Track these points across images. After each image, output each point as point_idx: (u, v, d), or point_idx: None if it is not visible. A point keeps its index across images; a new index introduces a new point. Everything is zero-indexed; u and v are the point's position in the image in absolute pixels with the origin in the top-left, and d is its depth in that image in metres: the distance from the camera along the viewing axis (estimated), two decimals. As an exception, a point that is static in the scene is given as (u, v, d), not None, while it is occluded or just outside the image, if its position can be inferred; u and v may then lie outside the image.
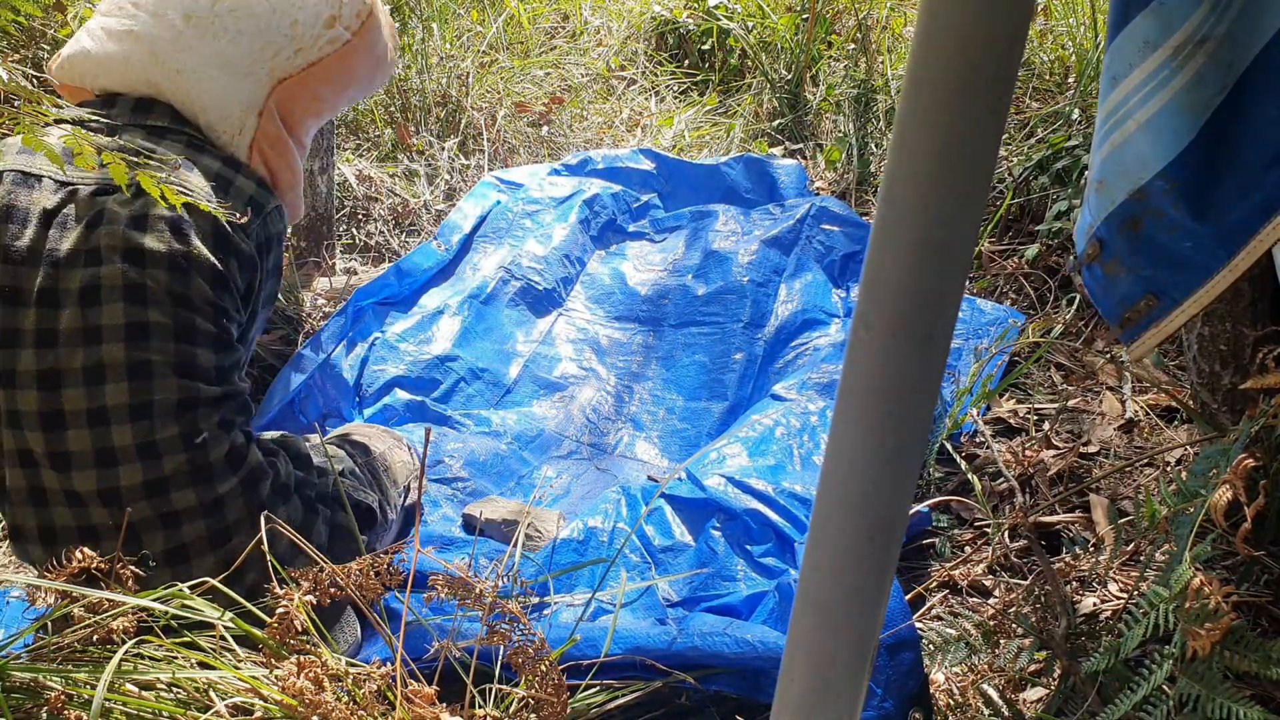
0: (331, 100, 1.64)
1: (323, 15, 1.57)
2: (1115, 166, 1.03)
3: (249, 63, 1.52)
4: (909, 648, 1.38)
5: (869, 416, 0.65)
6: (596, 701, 1.38)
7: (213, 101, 1.50)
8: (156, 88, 1.50)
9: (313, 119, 1.64)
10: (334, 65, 1.58)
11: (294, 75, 1.55)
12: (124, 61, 1.50)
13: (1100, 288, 1.10)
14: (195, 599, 1.17)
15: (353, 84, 1.65)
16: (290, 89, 1.56)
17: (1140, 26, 1.00)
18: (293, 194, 1.62)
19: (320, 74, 1.58)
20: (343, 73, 1.61)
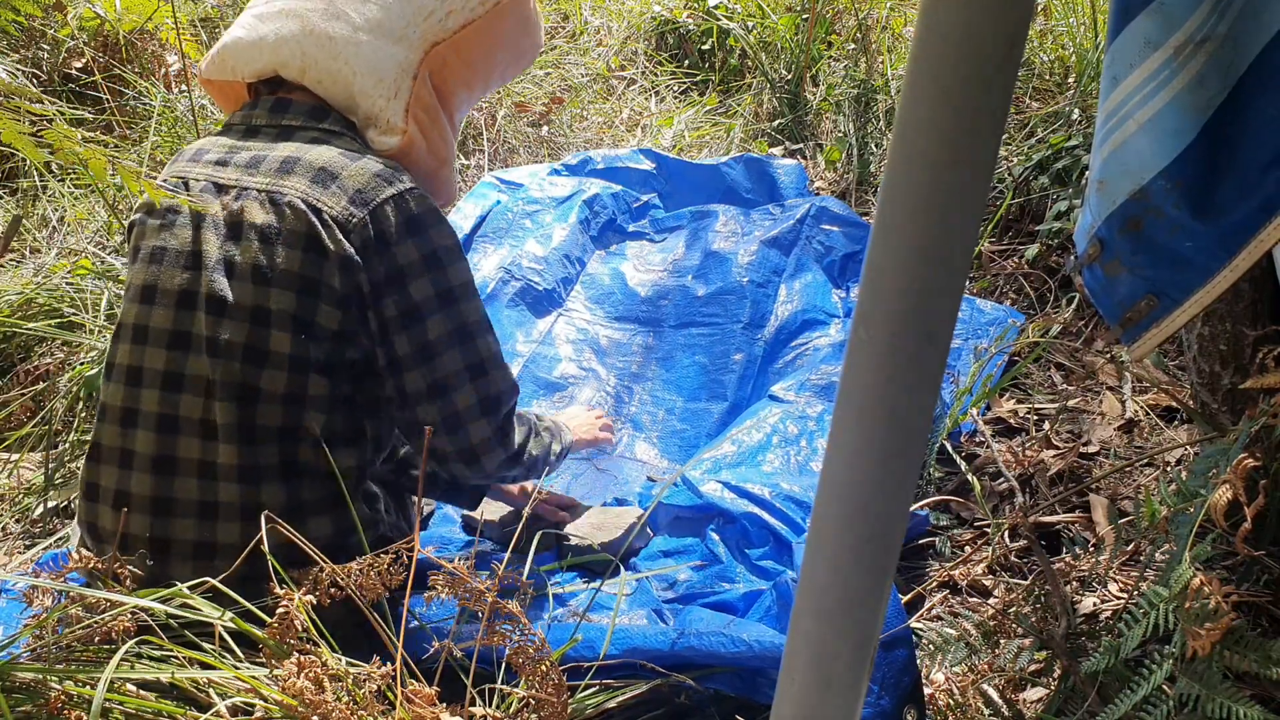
0: (483, 69, 1.58)
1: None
2: (1116, 166, 1.03)
3: (402, 26, 1.48)
4: (902, 644, 1.38)
5: (869, 416, 0.65)
6: (596, 701, 1.38)
7: (366, 66, 1.46)
8: (309, 60, 1.46)
9: (464, 90, 1.58)
10: (484, 28, 1.53)
11: (446, 39, 1.50)
12: (276, 39, 1.47)
13: (1101, 288, 1.10)
14: (195, 598, 1.17)
15: (504, 49, 1.59)
16: (442, 54, 1.51)
17: (1141, 26, 1.00)
18: (446, 169, 1.56)
19: (471, 37, 1.52)
20: (493, 36, 1.55)
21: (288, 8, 1.49)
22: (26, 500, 2.08)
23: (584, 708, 1.36)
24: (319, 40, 1.45)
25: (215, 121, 3.12)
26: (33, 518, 2.06)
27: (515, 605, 1.21)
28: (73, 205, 2.92)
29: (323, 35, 1.45)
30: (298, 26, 1.46)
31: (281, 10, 1.49)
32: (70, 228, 2.88)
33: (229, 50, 1.50)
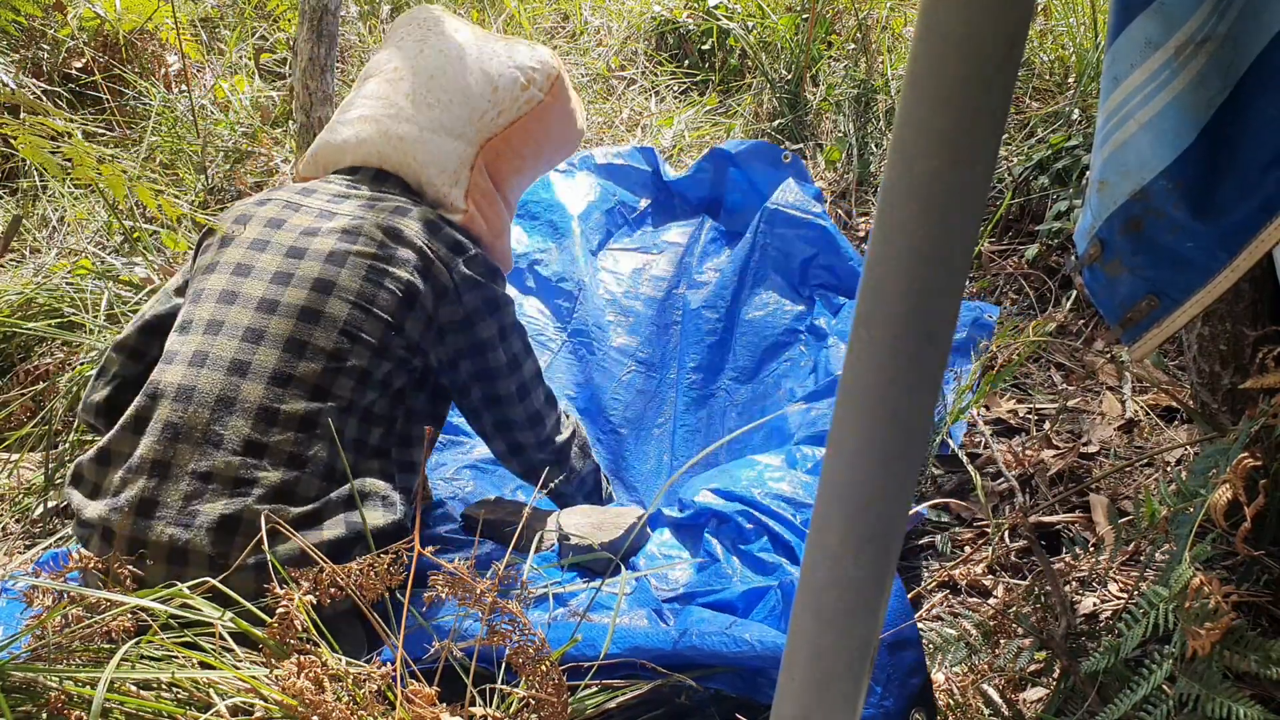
0: (533, 158, 1.85)
1: (519, 80, 1.81)
2: (1117, 167, 1.03)
3: (460, 125, 1.76)
4: (910, 646, 1.37)
5: (869, 417, 0.65)
6: (596, 701, 1.38)
7: (431, 159, 1.74)
8: (385, 157, 1.74)
9: (515, 176, 1.84)
10: (531, 124, 1.81)
11: (498, 134, 1.79)
12: (357, 141, 1.76)
13: (1102, 288, 1.10)
14: (195, 598, 1.17)
15: (549, 140, 1.87)
16: (496, 147, 1.79)
17: (1141, 27, 1.00)
18: (501, 243, 1.82)
19: (520, 132, 1.80)
20: (539, 130, 1.83)
21: (363, 114, 1.77)
22: (26, 500, 2.09)
23: (584, 708, 1.36)
24: (392, 141, 1.73)
25: (216, 121, 3.12)
26: (33, 518, 2.06)
27: (515, 605, 1.21)
28: (73, 205, 2.92)
29: (395, 136, 1.74)
30: (374, 130, 1.75)
31: (359, 117, 1.78)
32: (70, 228, 2.88)
33: (320, 155, 1.79)
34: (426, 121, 1.75)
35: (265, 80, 3.47)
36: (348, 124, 1.78)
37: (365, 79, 1.87)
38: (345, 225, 1.59)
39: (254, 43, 3.60)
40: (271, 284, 1.53)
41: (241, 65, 3.48)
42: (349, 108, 1.82)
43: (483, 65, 1.82)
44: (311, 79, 2.37)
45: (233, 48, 3.48)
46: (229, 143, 3.03)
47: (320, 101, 2.38)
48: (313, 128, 2.39)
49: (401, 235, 1.59)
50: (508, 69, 1.82)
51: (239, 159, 2.99)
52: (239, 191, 2.88)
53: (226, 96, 3.23)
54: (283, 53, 3.58)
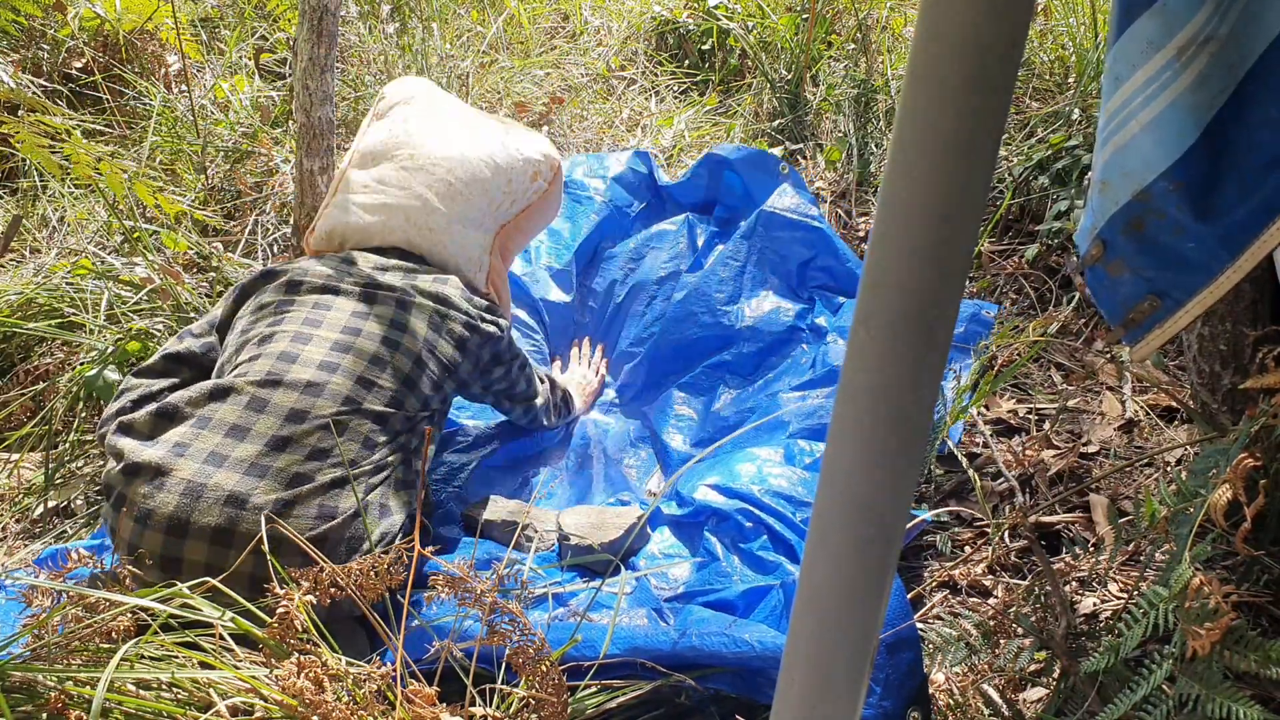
0: (531, 232, 2.16)
1: (529, 173, 2.07)
2: (1118, 167, 1.03)
3: (479, 216, 2.00)
4: (909, 647, 1.38)
5: (870, 416, 0.65)
6: (596, 701, 1.38)
7: (459, 250, 1.97)
8: (413, 244, 1.94)
9: (516, 249, 2.15)
10: (537, 207, 2.11)
11: (510, 221, 2.07)
12: (383, 227, 1.94)
13: (1103, 289, 1.10)
14: (195, 598, 1.17)
15: (546, 217, 2.17)
16: (508, 231, 2.07)
17: (1143, 27, 0.99)
18: (506, 306, 2.12)
19: (528, 216, 2.10)
20: (543, 212, 2.14)
21: (390, 203, 1.95)
22: (27, 500, 2.09)
23: (584, 708, 1.36)
24: (421, 231, 1.94)
25: (216, 121, 3.12)
26: (33, 517, 2.06)
27: (515, 605, 1.21)
28: (73, 205, 2.92)
29: (424, 228, 1.94)
30: (402, 220, 1.94)
31: (384, 204, 1.95)
32: (70, 228, 2.87)
33: (337, 233, 1.96)
34: (454, 214, 1.96)
35: (265, 80, 3.47)
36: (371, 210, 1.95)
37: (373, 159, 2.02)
38: (402, 285, 1.79)
39: (254, 43, 3.60)
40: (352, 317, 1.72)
41: (241, 65, 3.48)
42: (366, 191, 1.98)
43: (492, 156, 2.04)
44: (311, 79, 2.37)
45: (233, 48, 3.48)
46: (229, 143, 3.03)
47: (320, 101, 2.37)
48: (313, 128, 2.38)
49: (450, 300, 1.83)
50: (518, 161, 2.06)
51: (239, 159, 2.99)
52: (238, 191, 2.88)
53: (226, 96, 3.23)
54: (283, 53, 3.58)
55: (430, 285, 1.83)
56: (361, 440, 1.59)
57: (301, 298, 1.76)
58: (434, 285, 1.84)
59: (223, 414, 1.55)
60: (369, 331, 1.70)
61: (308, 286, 1.78)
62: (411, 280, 1.83)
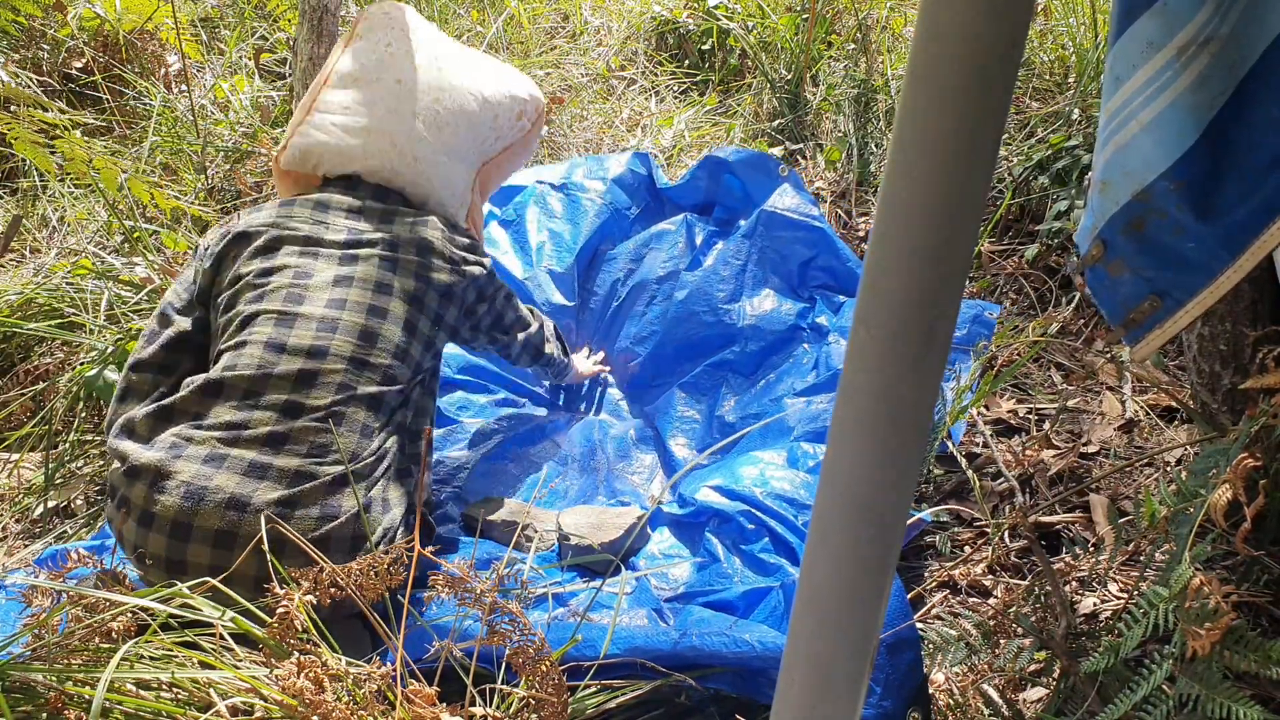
0: (508, 171, 2.11)
1: (515, 110, 2.02)
2: (1119, 167, 1.03)
3: (465, 150, 1.93)
4: (909, 647, 1.38)
5: (870, 416, 0.65)
6: (596, 701, 1.38)
7: (444, 183, 1.89)
8: (396, 174, 1.83)
9: (493, 186, 2.09)
10: (518, 147, 2.06)
11: (494, 158, 2.02)
12: (364, 151, 1.82)
13: (1104, 289, 1.10)
14: (195, 598, 1.17)
15: (524, 157, 2.12)
16: (489, 169, 2.02)
17: (1143, 27, 0.99)
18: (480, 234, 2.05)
19: (509, 154, 2.05)
20: (522, 152, 2.08)
21: (373, 126, 1.84)
22: (26, 500, 2.09)
23: (584, 708, 1.36)
24: (407, 160, 1.84)
25: (216, 121, 3.12)
26: (33, 517, 2.06)
27: (515, 605, 1.21)
28: (73, 205, 2.92)
29: (409, 156, 1.84)
30: (388, 145, 1.83)
31: (366, 128, 1.83)
32: (70, 228, 2.87)
33: (314, 153, 1.83)
34: (439, 144, 1.87)
35: (265, 80, 3.47)
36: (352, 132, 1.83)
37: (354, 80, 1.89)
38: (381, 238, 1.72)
39: (254, 43, 3.60)
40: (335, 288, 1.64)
41: (241, 65, 3.48)
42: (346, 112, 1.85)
43: (481, 89, 1.96)
44: (311, 79, 2.37)
45: (233, 48, 3.48)
46: (229, 143, 3.03)
47: (320, 101, 2.37)
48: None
49: (432, 247, 1.76)
50: (505, 97, 2.00)
51: (239, 159, 2.99)
52: (238, 191, 2.88)
53: (226, 96, 3.23)
54: (283, 53, 3.58)
55: (410, 233, 1.75)
56: (359, 430, 1.56)
57: (279, 267, 1.67)
58: (414, 232, 1.76)
59: (218, 411, 1.52)
60: (354, 302, 1.63)
61: (285, 251, 1.69)
62: (389, 228, 1.74)
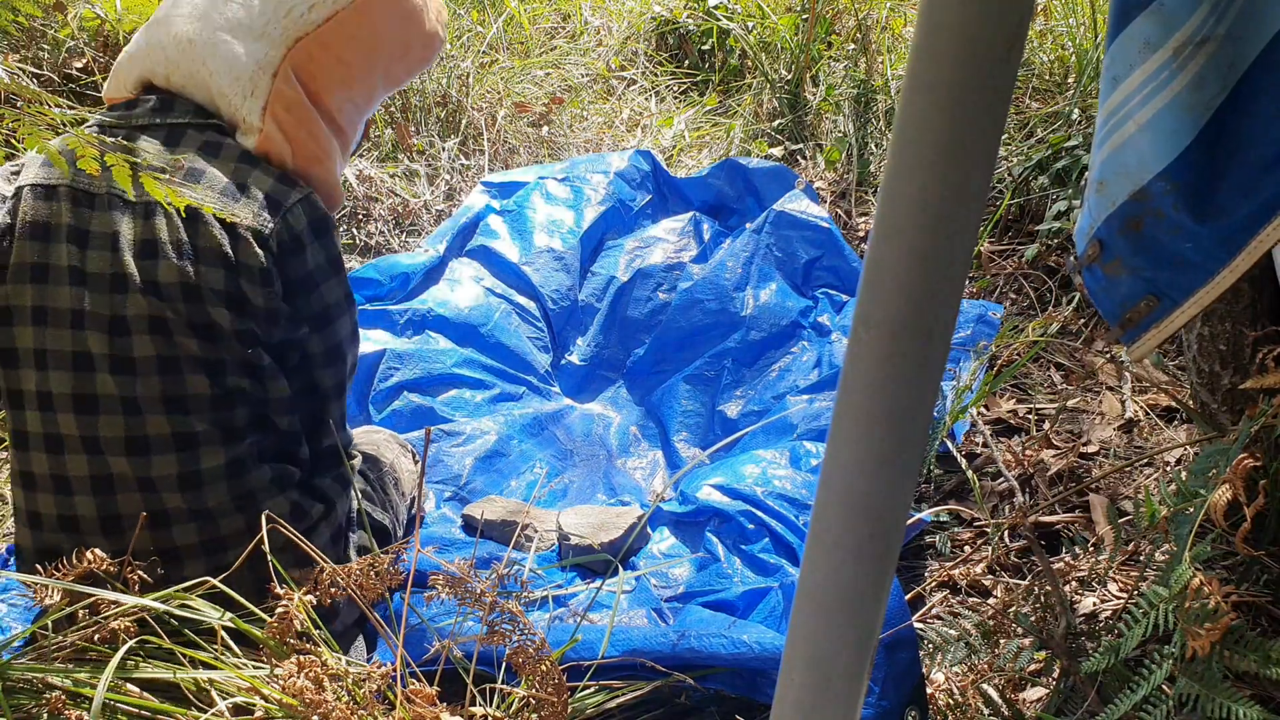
0: (362, 69, 1.50)
1: None
2: (1116, 167, 1.03)
3: (263, 23, 1.43)
4: (906, 647, 1.38)
5: (869, 415, 0.65)
6: (596, 701, 1.38)
7: (223, 65, 1.41)
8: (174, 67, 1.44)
9: (343, 90, 1.49)
10: (351, 21, 1.45)
11: (310, 33, 1.43)
12: (147, 47, 1.46)
13: (1101, 288, 1.10)
14: (195, 599, 1.17)
15: (380, 47, 1.50)
16: (308, 49, 1.44)
17: (1140, 27, 1.00)
18: (320, 169, 1.48)
19: (338, 31, 1.44)
20: (365, 31, 1.47)
21: (160, 15, 1.48)
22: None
23: (584, 708, 1.36)
24: (180, 44, 1.42)
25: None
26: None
27: (515, 605, 1.21)
28: (73, 205, 2.92)
29: (183, 38, 1.42)
30: (163, 33, 1.45)
31: (155, 20, 1.48)
32: (70, 228, 2.87)
33: (117, 68, 1.49)
34: (223, 20, 1.43)
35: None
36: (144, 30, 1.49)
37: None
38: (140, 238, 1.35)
39: (254, 43, 3.60)
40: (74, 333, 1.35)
41: (241, 65, 3.48)
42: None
43: None
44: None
45: (233, 48, 3.48)
46: (229, 143, 3.03)
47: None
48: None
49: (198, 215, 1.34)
50: None
51: (239, 159, 2.99)
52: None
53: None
54: (283, 53, 3.58)
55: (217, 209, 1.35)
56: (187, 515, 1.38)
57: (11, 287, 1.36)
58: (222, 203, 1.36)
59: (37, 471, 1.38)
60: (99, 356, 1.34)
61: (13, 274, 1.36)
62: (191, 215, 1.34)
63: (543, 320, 2.51)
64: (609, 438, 2.26)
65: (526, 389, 2.35)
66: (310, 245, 1.42)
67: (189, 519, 1.38)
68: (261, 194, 1.38)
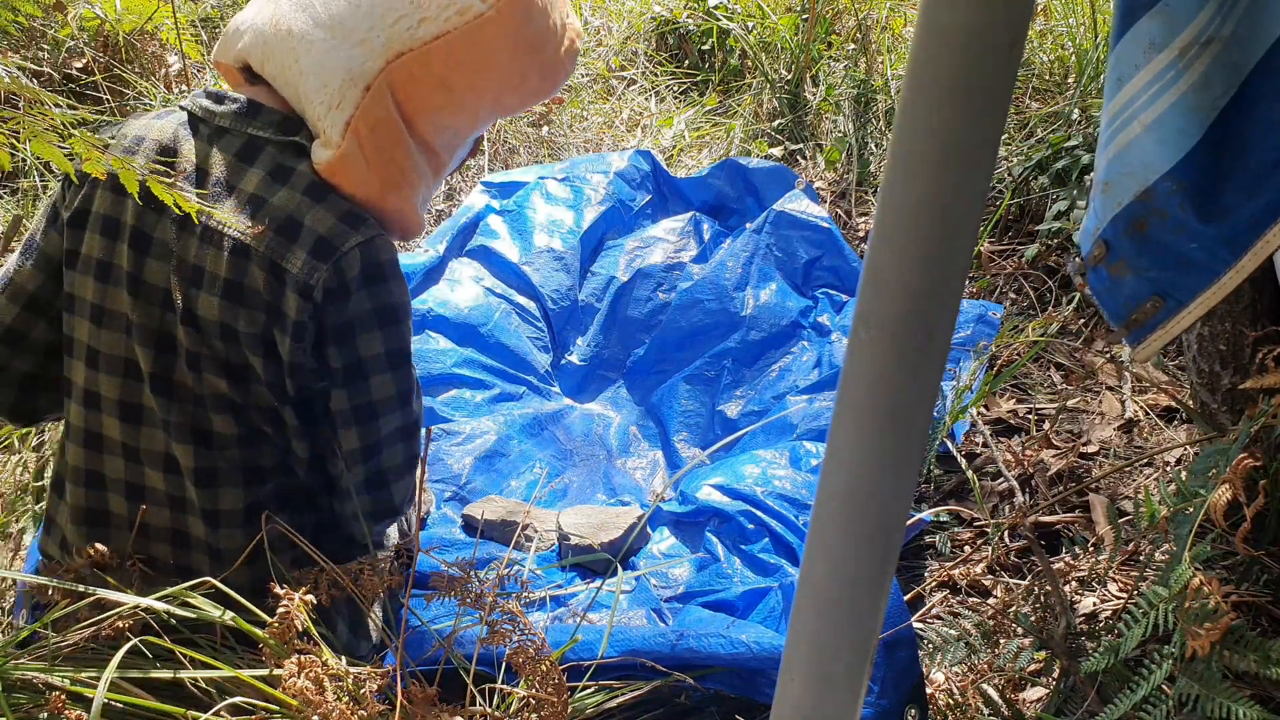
0: (467, 96, 1.32)
1: None
2: (1121, 168, 1.03)
3: (365, 27, 1.27)
4: (905, 646, 1.38)
5: (869, 416, 0.65)
6: (596, 701, 1.38)
7: (313, 66, 1.26)
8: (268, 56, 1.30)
9: (442, 116, 1.33)
10: (461, 43, 1.27)
11: (414, 50, 1.27)
12: (248, 27, 1.33)
13: (1106, 289, 1.10)
14: (196, 598, 1.17)
15: (491, 74, 1.32)
16: (409, 67, 1.27)
17: (1145, 28, 0.99)
18: (398, 196, 1.32)
19: (445, 53, 1.27)
20: (475, 56, 1.29)
21: None
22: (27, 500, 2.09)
23: (584, 708, 1.36)
24: (280, 33, 1.29)
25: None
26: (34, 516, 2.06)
27: (515, 605, 1.21)
28: (73, 205, 2.92)
29: (284, 28, 1.29)
30: (269, 15, 1.32)
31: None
32: (70, 227, 2.87)
33: (226, 34, 1.39)
34: (326, 15, 1.28)
35: (265, 80, 3.47)
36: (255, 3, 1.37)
37: None
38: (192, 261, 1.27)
39: (254, 43, 3.60)
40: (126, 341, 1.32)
41: (241, 65, 3.48)
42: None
43: None
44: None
45: (233, 48, 3.48)
46: (229, 143, 3.03)
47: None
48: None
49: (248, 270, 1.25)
50: None
51: (239, 159, 2.99)
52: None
53: (226, 96, 3.22)
54: (283, 53, 3.58)
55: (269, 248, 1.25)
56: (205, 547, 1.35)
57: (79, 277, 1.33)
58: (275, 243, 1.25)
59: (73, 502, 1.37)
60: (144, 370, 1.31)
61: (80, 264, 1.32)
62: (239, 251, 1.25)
63: (543, 320, 2.51)
64: (609, 438, 2.25)
65: (526, 389, 2.35)
66: (356, 293, 1.27)
67: (206, 550, 1.36)
68: (317, 235, 1.25)
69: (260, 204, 1.26)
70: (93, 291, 1.31)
